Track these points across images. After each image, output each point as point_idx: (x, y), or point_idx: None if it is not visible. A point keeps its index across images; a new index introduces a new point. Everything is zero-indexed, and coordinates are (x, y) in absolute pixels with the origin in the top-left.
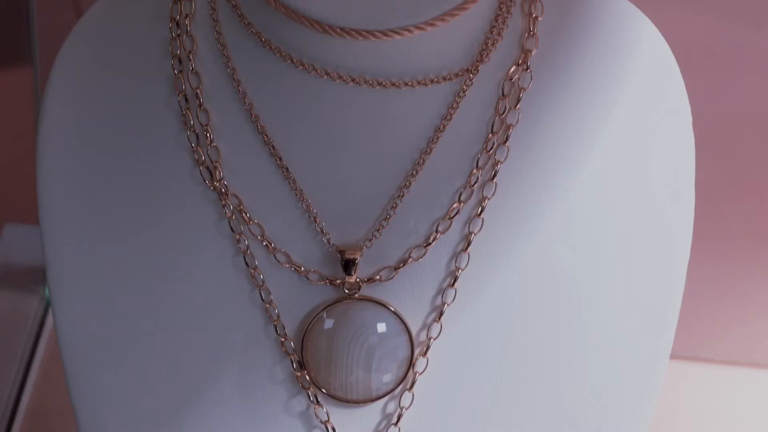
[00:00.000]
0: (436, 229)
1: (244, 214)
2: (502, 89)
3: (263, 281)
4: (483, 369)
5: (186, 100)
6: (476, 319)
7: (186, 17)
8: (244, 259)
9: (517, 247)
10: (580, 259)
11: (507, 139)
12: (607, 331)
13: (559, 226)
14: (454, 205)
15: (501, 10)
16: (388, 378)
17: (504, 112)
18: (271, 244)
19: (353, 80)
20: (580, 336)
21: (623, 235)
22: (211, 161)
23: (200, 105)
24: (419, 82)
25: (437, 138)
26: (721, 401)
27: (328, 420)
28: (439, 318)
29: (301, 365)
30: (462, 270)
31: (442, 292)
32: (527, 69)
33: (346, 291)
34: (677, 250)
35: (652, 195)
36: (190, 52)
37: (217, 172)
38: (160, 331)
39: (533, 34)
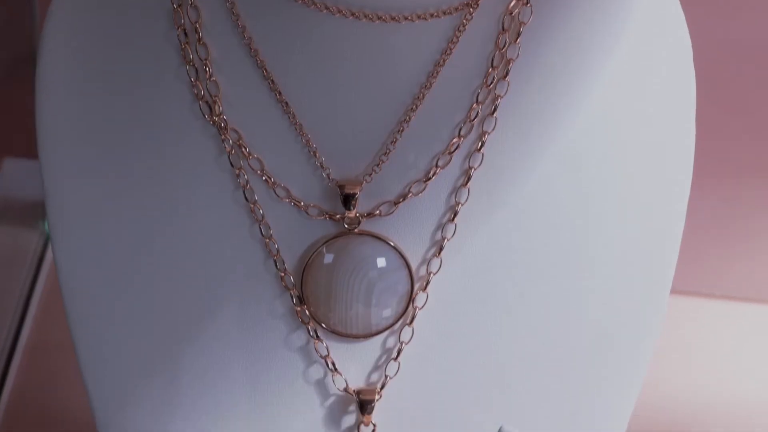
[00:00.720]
0: (436, 163)
1: (243, 149)
2: (502, 23)
3: (263, 216)
4: (483, 304)
5: (185, 34)
6: (476, 254)
7: None
8: (244, 194)
9: (517, 182)
10: (580, 195)
11: (507, 74)
12: (606, 267)
13: (559, 161)
14: (454, 140)
15: None
16: (387, 313)
17: (504, 46)
18: (270, 179)
19: (352, 14)
20: (580, 272)
21: (623, 171)
22: (211, 96)
23: (199, 39)
24: (419, 16)
25: (437, 72)
26: (722, 336)
27: (328, 355)
28: (439, 253)
29: (301, 300)
30: (462, 205)
31: (441, 227)
32: (527, 3)
33: (346, 226)
34: (678, 186)
35: (653, 131)
36: None
37: (217, 107)
38: (160, 266)
39: None
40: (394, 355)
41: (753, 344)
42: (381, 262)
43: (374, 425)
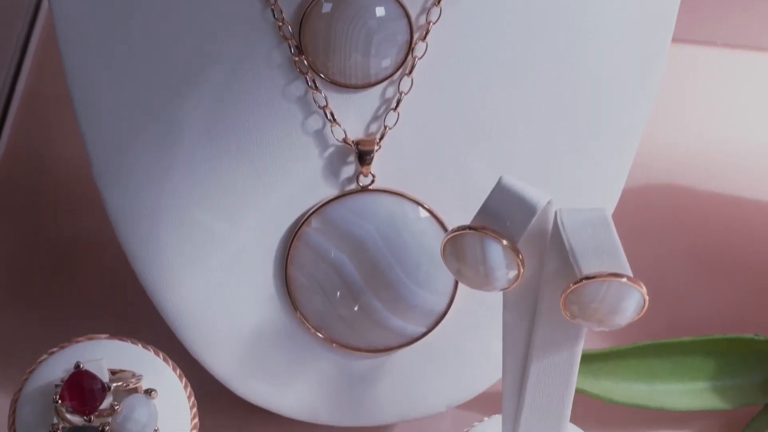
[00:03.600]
0: None
1: None
2: None
3: None
4: (482, 55)
5: None
6: (476, 6)
7: None
8: None
9: None
10: None
11: None
12: (606, 17)
13: None
14: None
15: None
16: (387, 63)
17: None
18: None
19: None
20: (579, 26)
21: None
22: None
23: None
24: None
25: None
26: (721, 84)
27: (327, 105)
28: (439, 2)
29: (299, 50)
30: None
31: None
32: None
33: None
34: None
35: None
36: None
37: None
38: (156, 17)
39: None
40: (393, 105)
41: (752, 92)
42: (380, 11)
43: (373, 175)
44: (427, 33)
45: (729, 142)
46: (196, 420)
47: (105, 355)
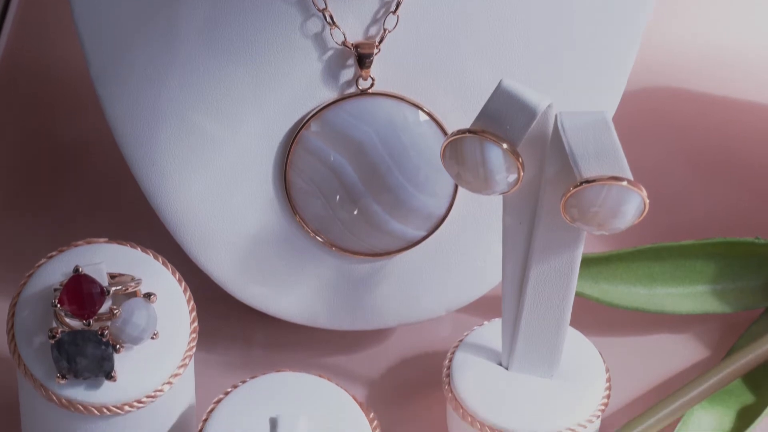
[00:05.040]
0: None
1: None
2: None
3: None
4: None
5: None
6: None
7: None
8: None
9: None
10: None
11: None
12: None
13: None
14: None
15: None
16: None
17: None
18: None
19: None
20: None
21: None
22: None
23: None
24: None
25: None
26: None
27: (326, 7)
28: None
29: None
30: None
31: None
32: None
33: None
34: None
35: None
36: None
37: None
38: None
39: None
40: (393, 8)
41: None
42: None
43: (372, 79)
44: None
45: (729, 44)
46: (196, 324)
47: (104, 258)
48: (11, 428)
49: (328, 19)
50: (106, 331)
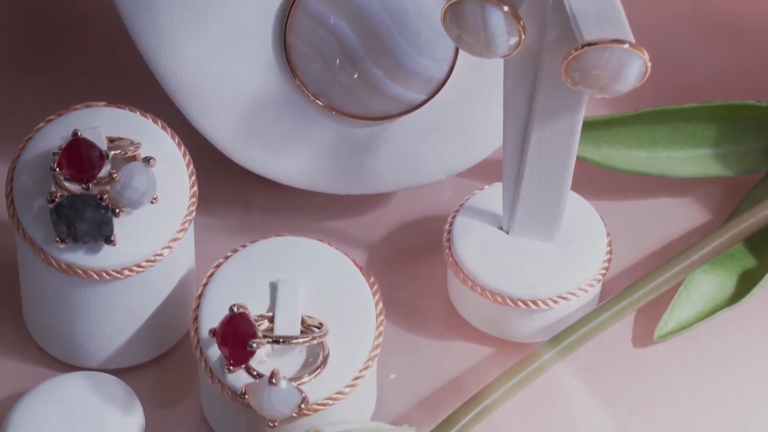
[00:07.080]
0: None
1: None
2: None
3: None
4: None
5: None
6: None
7: None
8: None
9: None
10: None
11: None
12: None
13: None
14: None
15: None
16: None
17: None
18: None
19: None
20: None
21: None
22: None
23: None
24: None
25: None
26: None
27: None
28: None
29: None
30: None
31: None
32: None
33: None
34: None
35: None
36: None
37: None
38: None
39: None
40: None
41: None
42: None
43: None
44: None
45: None
46: (195, 188)
47: (103, 122)
48: (10, 290)
49: None
50: (106, 195)
